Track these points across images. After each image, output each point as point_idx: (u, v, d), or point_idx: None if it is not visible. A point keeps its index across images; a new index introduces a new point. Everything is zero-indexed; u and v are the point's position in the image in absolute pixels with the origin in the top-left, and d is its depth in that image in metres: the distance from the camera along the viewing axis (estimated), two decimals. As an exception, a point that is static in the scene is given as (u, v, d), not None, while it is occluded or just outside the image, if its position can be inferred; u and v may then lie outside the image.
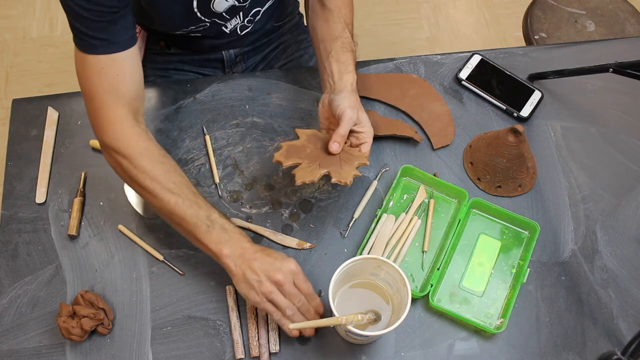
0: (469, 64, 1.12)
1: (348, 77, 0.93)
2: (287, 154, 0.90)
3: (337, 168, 0.89)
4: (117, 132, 0.85)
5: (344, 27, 0.98)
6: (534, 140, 1.06)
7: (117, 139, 0.85)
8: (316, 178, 0.87)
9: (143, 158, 0.85)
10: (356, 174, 0.89)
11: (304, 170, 0.88)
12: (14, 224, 0.97)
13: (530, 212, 1.00)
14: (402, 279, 0.80)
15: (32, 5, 2.18)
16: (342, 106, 0.89)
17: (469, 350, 0.90)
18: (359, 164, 0.90)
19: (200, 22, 1.01)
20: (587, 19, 1.51)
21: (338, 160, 0.90)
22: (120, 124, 0.85)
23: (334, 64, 0.94)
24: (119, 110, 0.85)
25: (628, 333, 0.92)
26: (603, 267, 0.97)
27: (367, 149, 0.92)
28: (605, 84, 1.12)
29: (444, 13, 2.22)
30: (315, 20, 1.02)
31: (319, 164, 0.89)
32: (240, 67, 1.24)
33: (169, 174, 0.86)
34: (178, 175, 0.86)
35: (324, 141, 0.92)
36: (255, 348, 0.88)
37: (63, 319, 0.86)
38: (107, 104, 0.85)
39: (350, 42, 0.98)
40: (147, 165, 0.85)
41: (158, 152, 0.87)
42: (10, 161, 1.02)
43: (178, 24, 1.02)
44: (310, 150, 0.91)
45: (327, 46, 0.96)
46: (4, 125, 1.95)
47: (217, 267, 0.94)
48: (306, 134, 0.93)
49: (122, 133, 0.85)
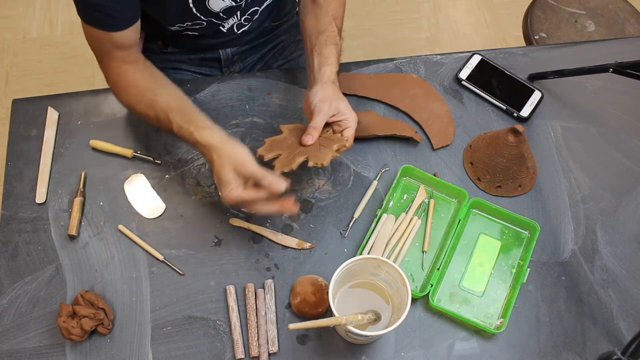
0: (469, 64, 1.12)
1: (326, 69, 0.94)
2: (270, 148, 0.91)
3: (315, 153, 0.90)
4: (116, 79, 0.96)
5: (330, 21, 0.99)
6: (534, 140, 1.06)
7: (116, 86, 0.97)
8: (294, 165, 0.88)
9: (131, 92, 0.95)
10: (334, 155, 0.89)
11: (282, 160, 0.89)
12: (14, 224, 0.97)
13: (530, 212, 1.00)
14: (402, 279, 0.80)
15: (32, 5, 2.18)
16: (314, 100, 0.91)
17: (469, 350, 0.90)
18: (338, 146, 0.90)
19: (197, 19, 1.01)
20: (587, 19, 1.51)
21: (317, 146, 0.91)
22: (117, 73, 0.95)
23: (316, 58, 0.96)
24: (115, 62, 0.95)
25: (628, 333, 0.92)
26: (603, 267, 0.97)
27: (350, 133, 0.93)
28: (605, 84, 1.12)
29: (444, 13, 2.22)
30: (305, 15, 1.03)
31: (298, 152, 0.89)
32: (237, 67, 1.24)
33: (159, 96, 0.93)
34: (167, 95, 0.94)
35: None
36: (255, 348, 0.88)
37: (63, 319, 0.86)
38: (106, 58, 0.95)
39: (335, 35, 0.98)
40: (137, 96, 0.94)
41: (145, 84, 0.95)
42: (10, 161, 1.02)
43: (174, 18, 1.01)
44: (291, 141, 0.92)
45: (313, 41, 0.98)
46: (4, 125, 1.95)
47: (217, 267, 0.94)
48: (289, 128, 0.95)
49: (120, 80, 0.96)
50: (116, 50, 0.93)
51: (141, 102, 0.93)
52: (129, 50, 0.95)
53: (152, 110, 0.92)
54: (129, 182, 1.00)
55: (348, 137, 0.92)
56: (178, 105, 0.92)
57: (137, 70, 0.96)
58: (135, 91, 0.94)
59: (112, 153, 1.02)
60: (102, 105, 1.07)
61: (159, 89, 0.94)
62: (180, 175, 1.01)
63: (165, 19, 1.02)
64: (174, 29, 1.04)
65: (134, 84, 0.94)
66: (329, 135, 0.93)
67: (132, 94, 0.95)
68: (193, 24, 1.02)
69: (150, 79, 0.96)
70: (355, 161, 1.03)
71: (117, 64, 0.95)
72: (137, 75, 0.95)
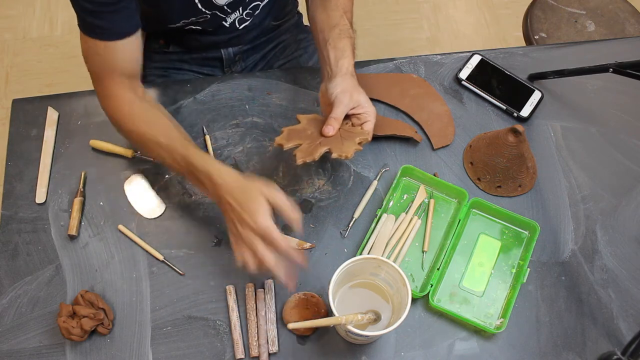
0: (469, 64, 1.12)
1: (344, 62, 0.94)
2: (288, 137, 0.90)
3: (338, 144, 0.89)
4: (113, 105, 0.92)
5: (342, 14, 0.99)
6: (534, 140, 1.06)
7: (114, 109, 0.92)
8: (317, 156, 0.87)
9: (135, 122, 0.90)
10: (357, 148, 0.89)
11: (304, 150, 0.88)
12: (14, 224, 0.97)
13: (530, 212, 1.00)
14: (402, 279, 0.80)
15: (32, 5, 2.18)
16: (334, 92, 0.91)
17: (469, 350, 0.90)
18: (360, 139, 0.90)
19: (201, 13, 1.01)
20: (587, 19, 1.51)
21: (339, 138, 0.90)
22: (114, 98, 0.92)
23: (331, 51, 0.95)
24: (115, 85, 0.91)
25: (628, 333, 0.92)
26: (603, 267, 0.97)
27: (370, 127, 0.93)
28: (605, 84, 1.12)
29: (444, 13, 2.22)
30: (315, 10, 1.03)
31: (320, 142, 0.89)
32: (239, 66, 1.24)
33: (157, 128, 0.89)
34: (167, 128, 0.90)
35: (324, 123, 0.92)
36: (255, 348, 0.88)
37: (63, 319, 0.86)
38: (105, 79, 0.91)
39: (348, 28, 0.98)
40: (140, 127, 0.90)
41: (145, 115, 0.91)
42: (10, 161, 1.02)
43: (178, 15, 1.01)
44: (311, 132, 0.91)
45: (326, 35, 0.97)
46: (4, 125, 1.95)
47: (217, 267, 0.94)
48: (307, 118, 0.94)
49: (118, 105, 0.92)
50: (116, 72, 0.90)
51: (138, 143, 0.92)
52: (130, 78, 0.92)
53: (151, 151, 0.90)
54: (129, 182, 1.00)
55: (368, 130, 0.92)
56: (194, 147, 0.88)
57: (136, 101, 0.92)
58: (146, 118, 0.91)
59: (112, 153, 1.02)
60: (102, 105, 1.07)
61: (173, 123, 0.91)
62: (180, 175, 1.01)
63: (169, 17, 1.02)
64: (178, 26, 1.04)
65: (130, 119, 0.90)
66: (348, 127, 0.92)
67: (127, 130, 0.92)
68: (197, 18, 1.02)
69: (148, 115, 0.91)
70: (355, 161, 1.03)
71: (117, 87, 0.91)
72: (134, 107, 0.91)
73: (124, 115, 0.91)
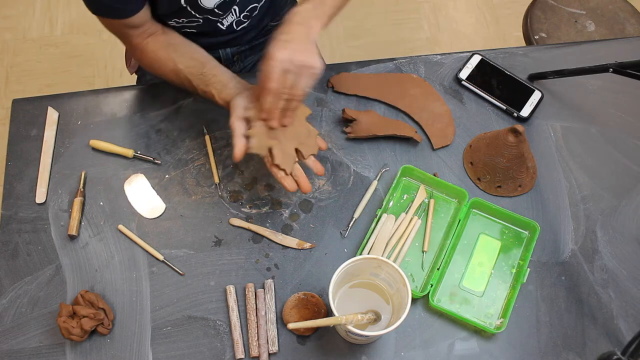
0: (469, 64, 1.12)
1: (302, 7, 0.85)
2: (260, 145, 0.88)
3: (299, 138, 0.91)
4: (139, 56, 1.01)
5: None
6: (534, 140, 1.06)
7: (142, 62, 1.02)
8: (292, 165, 0.90)
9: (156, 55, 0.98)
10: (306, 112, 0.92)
11: (280, 158, 0.89)
12: (14, 224, 0.97)
13: (530, 212, 1.00)
14: (402, 279, 0.80)
15: (32, 5, 2.18)
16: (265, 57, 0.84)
17: (469, 350, 0.90)
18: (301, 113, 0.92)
19: (191, 16, 1.01)
20: (587, 19, 1.51)
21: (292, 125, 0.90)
22: (139, 50, 1.00)
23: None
24: (133, 41, 0.99)
25: (628, 333, 0.92)
26: (603, 267, 0.97)
27: (307, 85, 0.84)
28: (605, 84, 1.12)
29: (444, 13, 2.22)
30: None
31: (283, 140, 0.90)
32: (237, 67, 1.24)
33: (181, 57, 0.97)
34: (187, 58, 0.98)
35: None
36: (255, 348, 0.88)
37: (63, 319, 0.86)
38: (126, 40, 1.00)
39: None
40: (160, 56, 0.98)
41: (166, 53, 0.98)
42: (10, 161, 1.02)
43: (167, 12, 1.00)
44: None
45: None
46: (4, 125, 1.95)
47: (217, 267, 0.94)
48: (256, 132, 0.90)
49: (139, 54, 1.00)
50: (132, 30, 0.96)
51: (167, 74, 0.98)
52: (144, 27, 0.97)
53: (178, 78, 0.97)
54: (129, 182, 1.00)
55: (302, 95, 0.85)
56: (198, 70, 0.95)
57: (156, 42, 0.99)
58: (158, 64, 0.98)
59: (112, 153, 1.02)
60: (102, 105, 1.07)
61: (178, 58, 0.97)
62: (180, 175, 1.01)
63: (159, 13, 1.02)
64: (171, 24, 1.04)
65: (155, 58, 0.98)
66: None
67: (156, 67, 0.99)
68: (189, 21, 1.02)
69: (170, 47, 0.98)
70: (355, 161, 1.03)
71: (137, 41, 0.98)
72: (157, 47, 0.98)
73: (151, 61, 0.99)
